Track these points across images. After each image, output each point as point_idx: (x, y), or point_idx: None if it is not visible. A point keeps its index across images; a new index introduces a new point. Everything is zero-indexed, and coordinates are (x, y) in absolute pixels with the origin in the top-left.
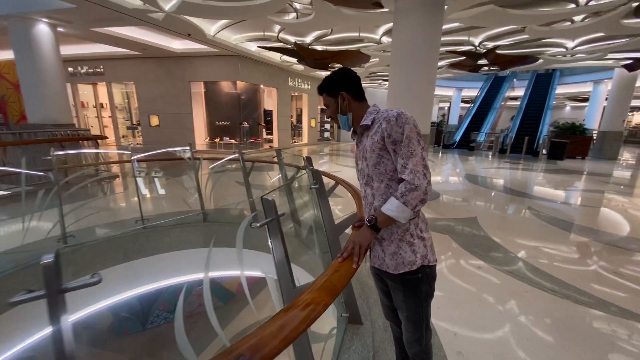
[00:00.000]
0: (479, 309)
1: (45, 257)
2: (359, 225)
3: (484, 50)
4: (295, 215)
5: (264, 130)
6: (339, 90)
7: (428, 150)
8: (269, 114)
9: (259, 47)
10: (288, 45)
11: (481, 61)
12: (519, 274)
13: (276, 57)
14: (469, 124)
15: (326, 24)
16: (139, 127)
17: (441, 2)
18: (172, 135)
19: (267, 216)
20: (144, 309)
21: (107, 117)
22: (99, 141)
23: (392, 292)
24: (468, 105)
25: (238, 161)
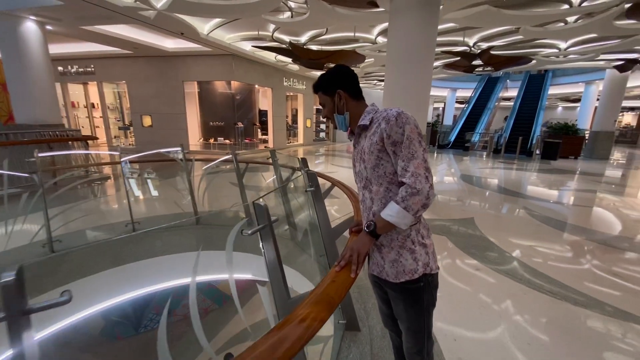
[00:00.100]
0: (478, 312)
1: (5, 275)
2: (356, 230)
3: (479, 51)
4: (291, 218)
5: (259, 130)
6: (336, 88)
7: None
8: (264, 114)
9: (253, 47)
10: (283, 45)
11: (475, 62)
12: (518, 275)
13: (271, 56)
14: (464, 124)
15: (321, 23)
16: (131, 128)
17: (437, 2)
18: (165, 136)
19: (259, 222)
20: (137, 313)
21: (99, 117)
22: (91, 142)
23: (392, 301)
24: (462, 106)
25: (232, 162)
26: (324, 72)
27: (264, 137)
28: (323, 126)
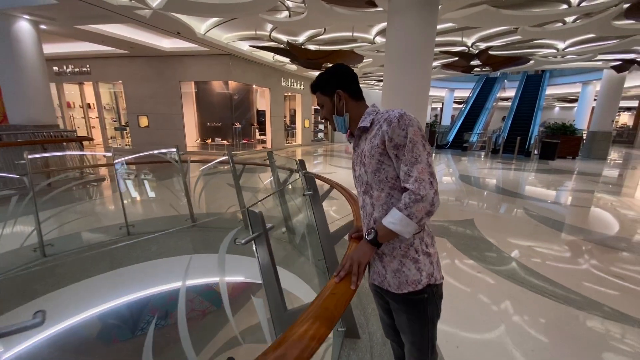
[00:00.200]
0: (480, 317)
1: None
2: (356, 237)
3: (477, 51)
4: (289, 221)
5: (256, 131)
6: (335, 89)
7: None
8: (261, 114)
9: (250, 47)
10: (280, 45)
11: (474, 62)
12: (520, 278)
13: (269, 56)
14: (462, 124)
15: (319, 23)
16: (128, 128)
17: (435, 2)
18: (162, 136)
19: (253, 230)
20: (133, 316)
21: (95, 117)
22: (86, 143)
23: (394, 313)
24: (460, 106)
25: (229, 163)
26: (322, 71)
27: (261, 137)
28: (321, 126)
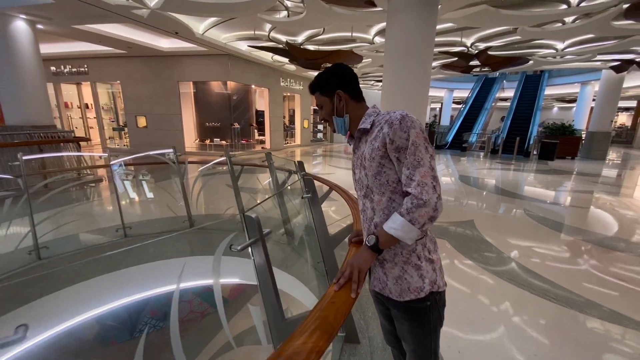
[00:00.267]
0: (482, 321)
1: None
2: (356, 241)
3: (476, 51)
4: (288, 224)
5: (255, 131)
6: (335, 89)
7: None
8: (260, 114)
9: (249, 47)
10: (279, 45)
11: (473, 62)
12: (522, 281)
13: (267, 56)
14: (461, 124)
15: (318, 22)
16: (126, 129)
17: (435, 2)
18: (161, 137)
19: (250, 236)
20: (132, 318)
21: (93, 118)
22: (84, 143)
23: (395, 320)
24: (459, 106)
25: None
26: (321, 71)
27: (260, 138)
28: (320, 127)
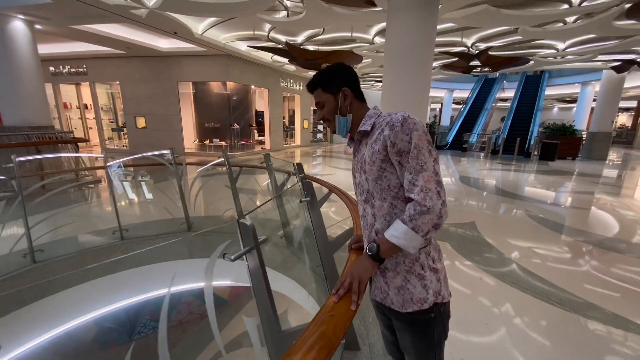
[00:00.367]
0: (485, 327)
1: None
2: (356, 248)
3: (477, 52)
4: (287, 227)
5: (255, 131)
6: (341, 86)
7: None
8: (260, 115)
9: (249, 47)
10: (279, 45)
11: (473, 62)
12: (525, 284)
13: (267, 57)
14: (461, 125)
15: (318, 22)
16: (125, 129)
17: (435, 2)
18: (160, 138)
19: (244, 244)
20: (130, 320)
21: (92, 118)
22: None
23: (397, 332)
24: (459, 107)
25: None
26: (322, 69)
27: (260, 138)
28: (320, 127)
